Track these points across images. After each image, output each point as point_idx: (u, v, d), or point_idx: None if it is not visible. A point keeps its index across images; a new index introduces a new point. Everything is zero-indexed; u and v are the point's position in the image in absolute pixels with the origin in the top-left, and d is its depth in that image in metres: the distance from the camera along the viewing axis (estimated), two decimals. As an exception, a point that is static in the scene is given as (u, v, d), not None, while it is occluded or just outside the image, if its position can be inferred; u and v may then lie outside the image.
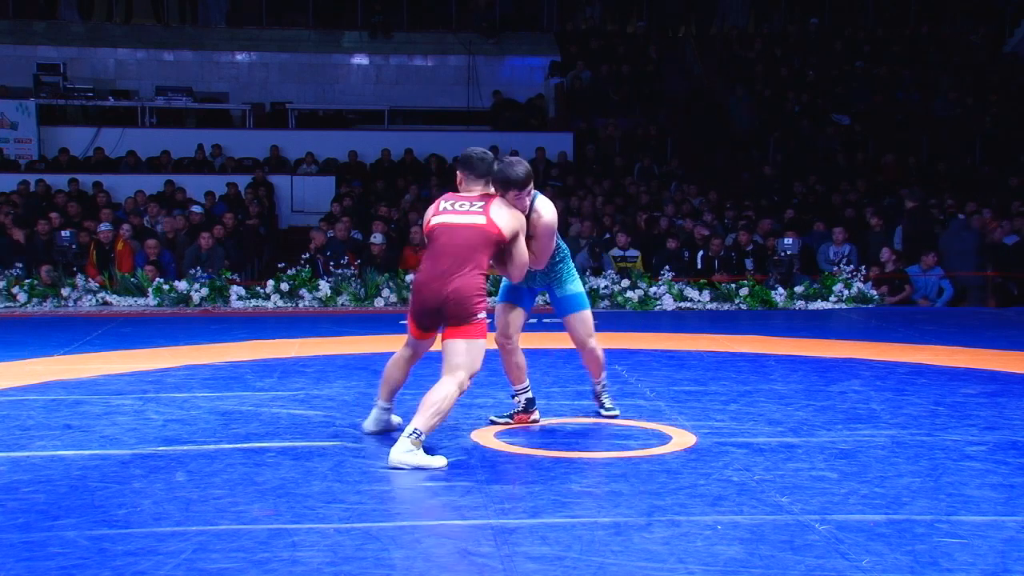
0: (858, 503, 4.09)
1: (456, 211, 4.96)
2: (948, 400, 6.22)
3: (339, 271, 11.94)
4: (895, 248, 12.59)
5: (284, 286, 11.79)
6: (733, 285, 11.87)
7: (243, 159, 16.81)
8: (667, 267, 11.99)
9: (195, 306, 11.65)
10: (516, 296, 5.46)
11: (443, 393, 4.70)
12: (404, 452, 4.58)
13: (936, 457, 4.82)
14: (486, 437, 5.24)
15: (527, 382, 5.53)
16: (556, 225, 5.21)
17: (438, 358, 4.89)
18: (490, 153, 5.20)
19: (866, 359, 7.87)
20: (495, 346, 5.35)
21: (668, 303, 11.64)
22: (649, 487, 4.44)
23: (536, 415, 5.59)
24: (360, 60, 19.75)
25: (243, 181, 15.65)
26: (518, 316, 5.44)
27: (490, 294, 7.10)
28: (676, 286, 11.75)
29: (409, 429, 4.63)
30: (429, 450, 4.71)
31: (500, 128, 17.77)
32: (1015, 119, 17.20)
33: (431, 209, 5.07)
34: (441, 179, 15.80)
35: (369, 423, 5.31)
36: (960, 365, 7.56)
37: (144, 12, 19.68)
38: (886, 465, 4.68)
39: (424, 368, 5.46)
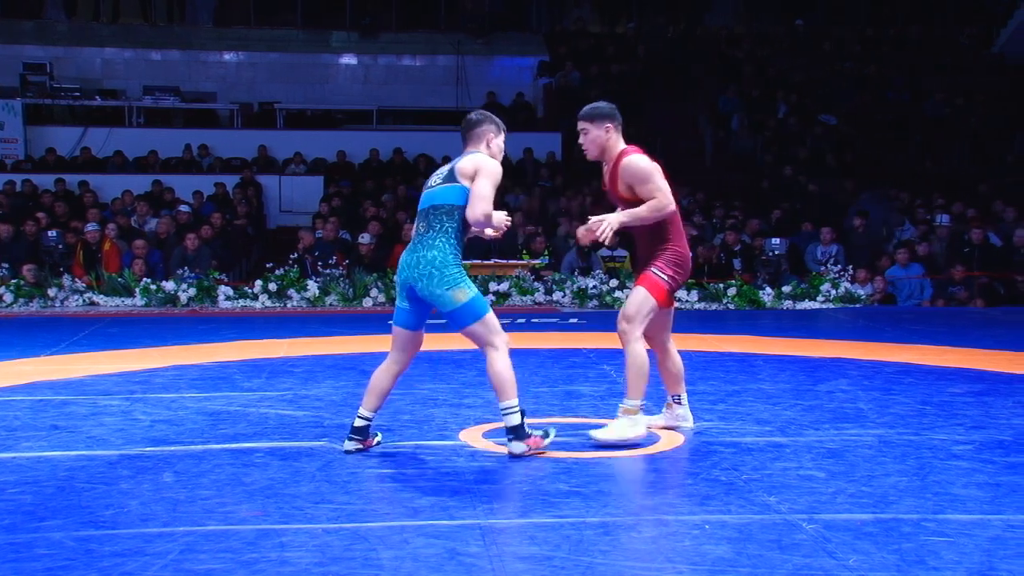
0: (845, 502, 4.10)
1: None
2: (935, 399, 6.24)
3: (327, 271, 11.92)
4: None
5: (272, 286, 11.77)
6: (721, 285, 11.89)
7: (231, 159, 16.78)
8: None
9: (183, 306, 11.62)
10: None
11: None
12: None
13: (923, 456, 4.83)
14: (474, 437, 5.24)
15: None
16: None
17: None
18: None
19: (854, 358, 7.89)
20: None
21: (657, 303, 11.64)
22: (637, 486, 4.44)
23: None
24: (348, 60, 19.73)
25: (231, 181, 15.63)
26: None
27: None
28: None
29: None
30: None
31: (489, 128, 17.74)
32: (1003, 119, 17.28)
33: (658, 166, 5.04)
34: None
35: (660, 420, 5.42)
36: (947, 364, 7.58)
37: (131, 11, 19.62)
38: (873, 464, 4.69)
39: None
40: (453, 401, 6.15)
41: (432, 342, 8.64)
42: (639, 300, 5.02)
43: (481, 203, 4.70)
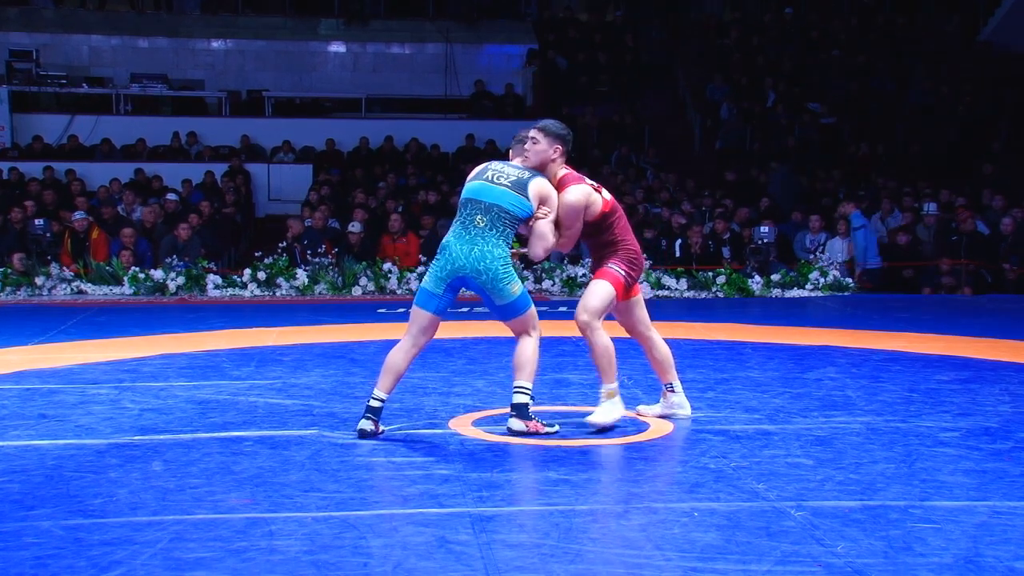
0: (833, 489, 4.12)
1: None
2: (922, 387, 6.28)
3: (316, 260, 11.90)
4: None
5: (261, 275, 11.75)
6: (710, 273, 11.91)
7: (219, 147, 16.71)
8: (644, 255, 12.02)
9: (171, 295, 11.58)
10: None
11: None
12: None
13: (910, 443, 4.86)
14: (464, 425, 5.25)
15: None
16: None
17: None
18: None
19: (842, 346, 7.92)
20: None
21: (645, 291, 11.67)
22: (626, 474, 4.46)
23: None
24: (337, 48, 19.65)
25: (219, 169, 15.56)
26: None
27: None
28: (654, 274, 11.78)
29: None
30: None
31: (477, 116, 17.74)
32: (989, 107, 17.30)
33: (590, 190, 5.05)
34: (418, 167, 15.75)
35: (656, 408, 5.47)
36: (934, 352, 7.62)
37: (118, -2, 19.52)
38: (861, 451, 4.71)
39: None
40: (443, 390, 6.15)
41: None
42: (600, 292, 5.13)
43: (542, 242, 4.98)
